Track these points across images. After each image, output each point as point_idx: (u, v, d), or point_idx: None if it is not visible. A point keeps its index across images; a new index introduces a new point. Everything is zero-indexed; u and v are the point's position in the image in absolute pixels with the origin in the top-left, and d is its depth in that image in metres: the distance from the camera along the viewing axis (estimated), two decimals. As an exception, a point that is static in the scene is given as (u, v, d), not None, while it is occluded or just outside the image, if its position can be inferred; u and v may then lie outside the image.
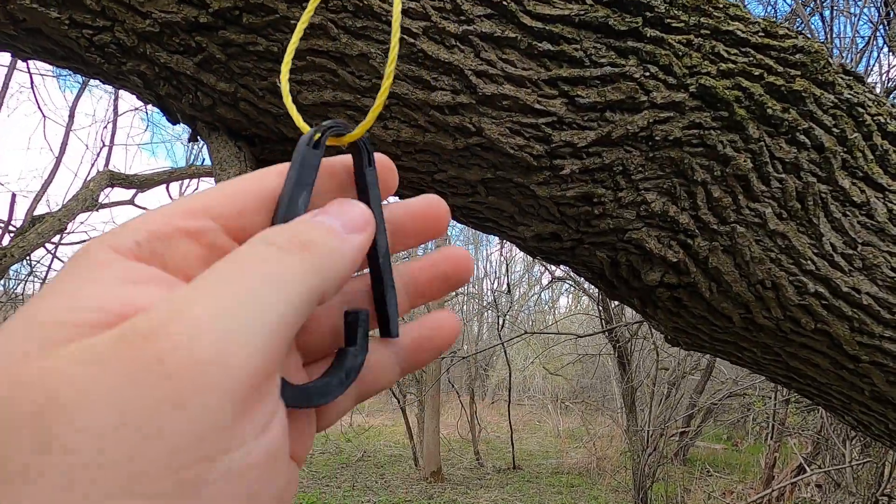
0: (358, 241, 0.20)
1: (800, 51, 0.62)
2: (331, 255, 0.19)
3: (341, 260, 0.19)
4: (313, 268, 0.18)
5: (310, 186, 0.23)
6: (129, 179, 3.66)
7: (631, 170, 0.63)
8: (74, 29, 0.61)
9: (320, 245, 0.19)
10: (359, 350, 0.23)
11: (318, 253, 0.18)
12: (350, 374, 0.22)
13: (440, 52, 0.60)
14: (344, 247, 0.20)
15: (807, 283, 0.63)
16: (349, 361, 0.22)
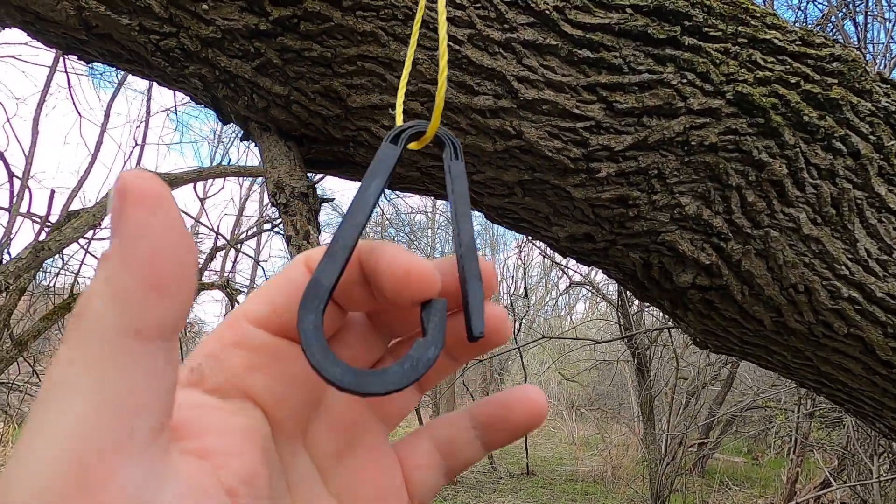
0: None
1: (837, 59, 0.63)
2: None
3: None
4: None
5: (382, 176, 0.24)
6: (159, 178, 3.77)
7: (666, 173, 0.65)
8: (143, 35, 0.65)
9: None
10: (429, 342, 0.21)
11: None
12: (417, 367, 0.20)
13: (484, 58, 0.63)
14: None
15: (840, 288, 0.64)
16: (417, 352, 0.20)
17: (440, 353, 0.21)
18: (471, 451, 0.24)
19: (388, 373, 0.20)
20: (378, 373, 0.20)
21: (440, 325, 0.21)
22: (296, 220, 0.66)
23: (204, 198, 5.64)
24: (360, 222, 0.23)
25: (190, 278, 0.16)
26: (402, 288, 0.20)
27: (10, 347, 3.15)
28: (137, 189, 0.16)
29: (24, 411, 5.28)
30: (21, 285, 3.27)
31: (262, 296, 0.21)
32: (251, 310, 0.21)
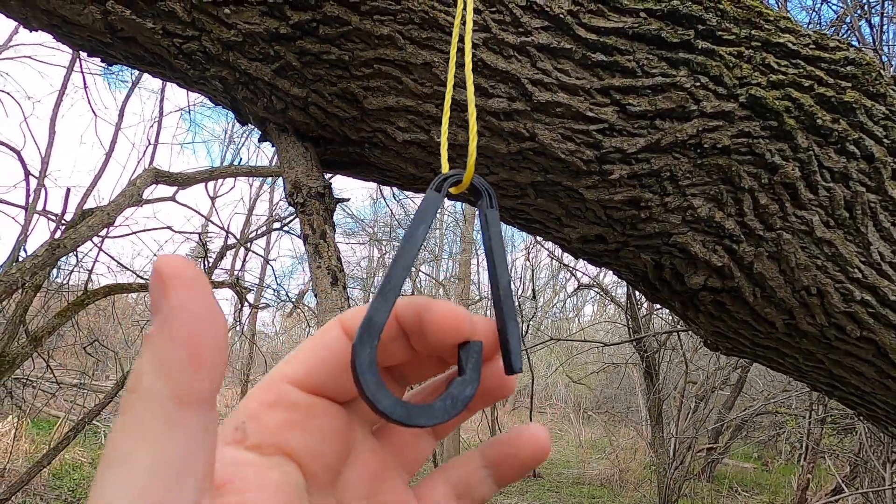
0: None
1: (851, 63, 0.64)
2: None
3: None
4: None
5: (429, 221, 0.26)
6: (172, 177, 3.82)
7: (678, 176, 0.66)
8: (166, 38, 0.67)
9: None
10: (468, 381, 0.23)
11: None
12: (457, 404, 0.23)
13: (498, 61, 0.64)
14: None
15: (853, 291, 0.64)
16: (456, 389, 0.23)
17: (476, 390, 0.23)
18: (484, 488, 0.26)
19: (432, 408, 0.22)
20: (424, 407, 0.22)
21: (477, 365, 0.23)
22: (312, 220, 0.68)
23: (215, 197, 5.71)
24: (408, 264, 0.25)
25: (223, 351, 0.18)
26: (447, 332, 0.22)
27: (25, 343, 3.20)
28: (176, 273, 0.18)
29: (37, 406, 5.35)
30: (37, 282, 3.33)
31: (297, 358, 0.23)
32: (287, 371, 0.23)
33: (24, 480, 3.10)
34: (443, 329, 0.23)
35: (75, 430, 3.36)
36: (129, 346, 7.13)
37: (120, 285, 3.76)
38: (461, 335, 0.23)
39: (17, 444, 4.63)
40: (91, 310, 5.21)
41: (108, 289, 3.56)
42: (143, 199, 4.14)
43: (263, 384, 0.22)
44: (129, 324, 7.38)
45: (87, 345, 4.38)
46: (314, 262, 0.65)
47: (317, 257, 0.65)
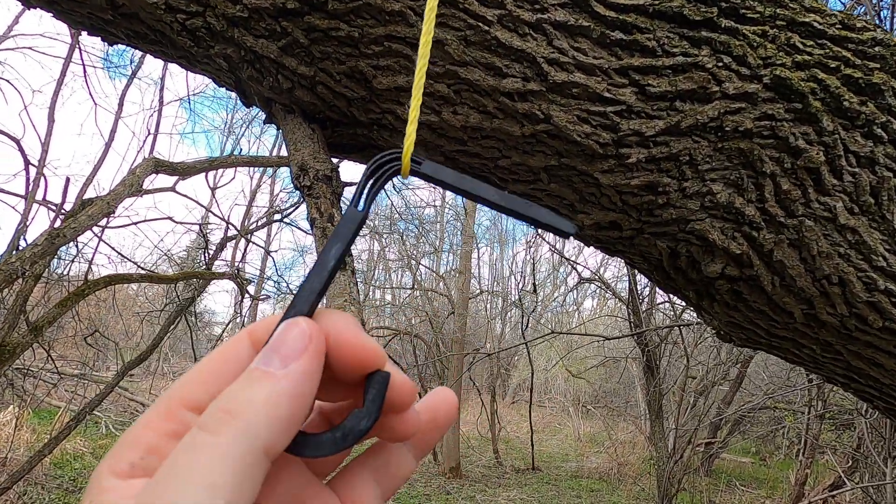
0: (299, 369, 0.21)
1: (879, 43, 0.61)
2: (265, 405, 0.20)
3: (281, 402, 0.20)
4: (244, 434, 0.19)
5: (346, 239, 0.25)
6: (172, 167, 3.79)
7: (698, 160, 0.64)
8: (169, 14, 0.65)
9: (252, 403, 0.20)
10: (364, 414, 0.22)
11: (248, 415, 0.19)
12: (347, 437, 0.22)
13: (513, 39, 0.62)
14: (279, 386, 0.20)
15: (877, 280, 0.62)
16: (350, 423, 0.22)
17: (373, 425, 0.22)
18: (405, 465, 0.26)
19: (321, 439, 0.22)
20: (314, 437, 0.22)
21: (377, 398, 0.22)
22: (320, 203, 0.66)
23: (215, 187, 5.67)
24: (316, 289, 0.24)
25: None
26: (352, 362, 0.22)
27: (25, 332, 3.19)
28: (318, 337, 0.22)
29: (38, 396, 5.36)
30: (37, 271, 3.31)
31: (199, 379, 0.22)
32: (188, 394, 0.21)
33: (25, 469, 3.11)
34: (347, 358, 0.22)
35: (76, 419, 3.36)
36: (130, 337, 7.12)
37: (121, 275, 3.74)
38: (365, 366, 0.23)
39: (19, 433, 4.64)
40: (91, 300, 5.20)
41: (108, 279, 3.54)
42: (144, 189, 4.11)
43: (160, 410, 0.21)
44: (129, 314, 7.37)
45: (87, 335, 4.37)
46: (322, 247, 0.63)
47: (324, 241, 0.63)
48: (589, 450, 8.15)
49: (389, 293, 11.50)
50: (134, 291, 9.49)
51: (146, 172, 3.62)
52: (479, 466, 7.00)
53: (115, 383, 3.67)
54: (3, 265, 2.79)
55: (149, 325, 6.16)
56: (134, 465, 0.20)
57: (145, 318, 5.68)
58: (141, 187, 3.70)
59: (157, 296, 7.73)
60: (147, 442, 0.20)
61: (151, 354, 3.98)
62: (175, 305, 4.13)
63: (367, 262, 11.94)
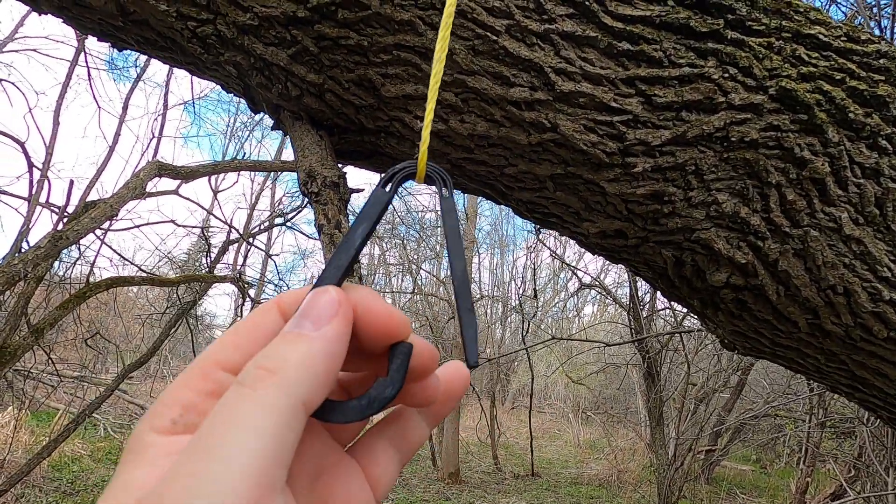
0: (330, 331, 0.22)
1: (884, 56, 0.62)
2: (302, 363, 0.20)
3: (316, 360, 0.21)
4: (284, 389, 0.20)
5: (371, 220, 0.26)
6: (176, 170, 3.81)
7: (704, 170, 0.64)
8: (180, 21, 0.66)
9: (288, 361, 0.20)
10: (388, 382, 0.23)
11: (287, 371, 0.20)
12: (373, 404, 0.23)
13: (521, 49, 0.62)
14: (314, 346, 0.21)
15: (882, 290, 0.62)
16: (375, 391, 0.23)
17: (397, 393, 0.23)
18: (420, 432, 0.27)
19: (347, 406, 0.23)
20: (340, 404, 0.23)
21: (401, 367, 0.23)
22: (327, 209, 0.66)
23: (217, 190, 5.69)
24: (343, 265, 0.24)
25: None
26: (378, 331, 0.23)
27: (27, 335, 3.19)
28: (347, 304, 0.22)
29: (38, 399, 5.35)
30: (39, 274, 3.31)
31: (233, 342, 0.23)
32: (223, 357, 0.22)
33: (23, 472, 3.10)
34: (373, 328, 0.23)
35: (75, 422, 3.35)
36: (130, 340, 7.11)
37: (122, 278, 3.74)
38: (391, 336, 0.23)
39: (17, 435, 4.62)
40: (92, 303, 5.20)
41: (109, 281, 3.54)
42: (147, 192, 4.12)
43: (196, 371, 0.22)
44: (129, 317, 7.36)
45: (88, 337, 4.37)
46: (329, 253, 0.63)
47: (332, 248, 0.63)
48: (589, 456, 8.11)
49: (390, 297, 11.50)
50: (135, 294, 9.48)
51: (150, 176, 3.63)
52: (478, 472, 6.97)
53: (115, 386, 3.67)
54: (6, 267, 2.79)
55: (149, 327, 6.16)
56: (175, 422, 0.21)
57: (146, 321, 5.68)
58: (144, 190, 3.71)
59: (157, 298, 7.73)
60: (186, 400, 0.21)
61: (152, 357, 3.98)
62: (176, 308, 4.13)
63: (368, 266, 11.94)
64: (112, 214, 3.47)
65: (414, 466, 6.94)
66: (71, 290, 4.07)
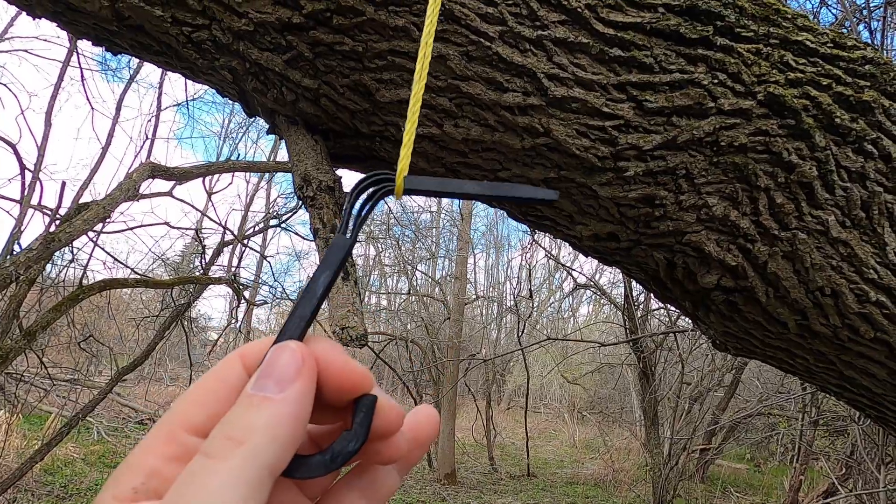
0: (294, 392, 0.22)
1: (869, 62, 0.63)
2: (268, 429, 0.20)
3: (281, 425, 0.21)
4: (251, 459, 0.20)
5: (334, 267, 0.26)
6: (169, 172, 3.79)
7: (694, 174, 0.65)
8: (175, 26, 0.66)
9: (255, 429, 0.20)
10: (352, 436, 0.23)
11: (253, 439, 0.20)
12: (336, 459, 0.23)
13: (514, 55, 0.63)
14: (280, 409, 0.21)
15: (868, 292, 0.63)
16: (339, 445, 0.23)
17: (361, 446, 0.23)
18: (390, 481, 0.27)
19: (311, 461, 0.23)
20: (304, 458, 0.22)
21: (365, 420, 0.23)
22: (322, 213, 0.66)
23: (211, 192, 5.67)
24: (305, 315, 0.24)
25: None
26: (341, 386, 0.23)
27: (18, 338, 3.16)
28: (310, 361, 0.22)
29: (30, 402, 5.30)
30: (31, 276, 3.29)
31: (195, 401, 0.22)
32: (188, 417, 0.22)
33: (15, 476, 3.07)
34: (335, 382, 0.23)
35: (68, 426, 3.33)
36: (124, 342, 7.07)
37: (115, 280, 3.72)
38: (353, 390, 0.23)
39: (9, 439, 4.58)
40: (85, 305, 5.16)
41: (103, 283, 3.52)
42: (140, 194, 4.10)
43: (160, 434, 0.22)
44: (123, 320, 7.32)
45: (81, 340, 4.34)
46: (323, 258, 0.64)
47: (326, 251, 0.63)
48: (584, 456, 8.14)
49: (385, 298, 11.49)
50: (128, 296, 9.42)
51: (143, 177, 3.61)
52: (474, 473, 6.98)
53: (109, 389, 3.64)
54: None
55: (143, 330, 6.13)
56: (137, 490, 0.20)
57: (140, 324, 5.65)
58: (137, 192, 3.69)
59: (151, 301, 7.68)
60: (149, 466, 0.21)
61: (146, 360, 3.95)
62: (170, 311, 4.11)
63: (363, 268, 11.93)
64: (105, 216, 3.45)
65: (410, 467, 6.92)
66: (64, 292, 4.04)
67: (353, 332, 0.57)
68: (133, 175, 3.54)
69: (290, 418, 0.21)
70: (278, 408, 0.21)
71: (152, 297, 7.71)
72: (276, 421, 0.21)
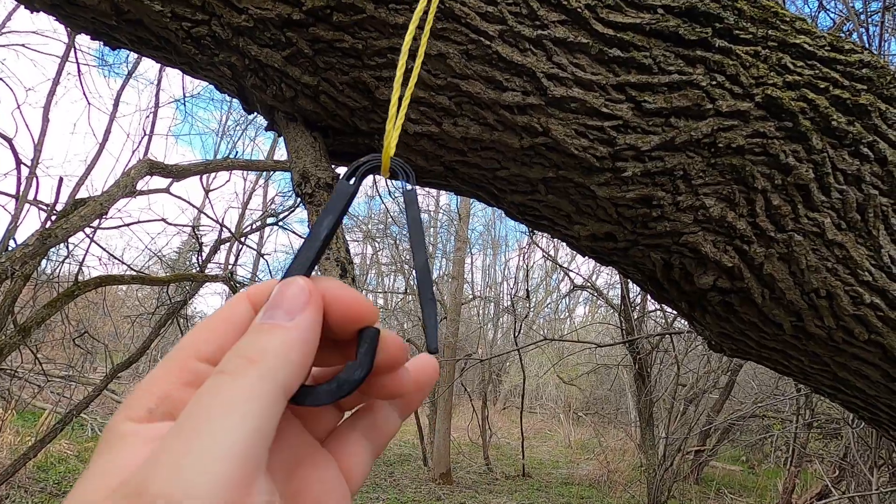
0: (304, 320, 0.22)
1: (866, 66, 0.63)
2: (280, 351, 0.21)
3: (293, 348, 0.22)
4: (265, 376, 0.20)
5: (337, 212, 0.26)
6: (167, 169, 3.78)
7: (692, 175, 0.65)
8: (175, 21, 0.66)
9: (267, 350, 0.21)
10: (357, 365, 0.23)
11: (267, 359, 0.21)
12: (343, 387, 0.23)
13: (514, 54, 0.63)
14: (290, 335, 0.22)
15: (863, 294, 0.64)
16: (345, 374, 0.23)
17: (366, 375, 0.24)
18: (391, 423, 0.28)
19: (318, 390, 0.23)
20: (310, 388, 0.23)
21: (369, 350, 0.24)
22: (321, 211, 0.66)
23: (209, 189, 5.65)
24: (310, 256, 0.25)
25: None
26: (346, 316, 0.24)
27: (13, 333, 3.15)
28: (316, 293, 0.23)
29: (24, 399, 5.27)
30: (26, 272, 3.27)
31: (207, 334, 0.23)
32: (199, 348, 0.23)
33: (8, 473, 3.06)
34: (342, 314, 0.24)
35: (62, 422, 3.32)
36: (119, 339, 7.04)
37: (111, 276, 3.71)
38: (359, 320, 0.24)
39: (2, 436, 4.56)
40: (80, 302, 5.14)
41: (99, 280, 3.51)
42: (137, 191, 4.08)
43: (172, 363, 0.22)
44: (119, 316, 7.29)
45: (76, 337, 4.32)
46: (322, 254, 0.64)
47: (325, 249, 0.63)
48: (579, 457, 8.16)
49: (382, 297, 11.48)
50: (124, 293, 9.38)
51: (140, 174, 3.60)
52: (469, 472, 6.98)
53: (104, 386, 3.63)
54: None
55: (139, 327, 6.11)
56: (152, 411, 0.21)
57: (136, 321, 5.63)
58: (135, 188, 3.68)
59: (147, 298, 7.65)
60: (163, 390, 0.21)
61: (141, 357, 3.94)
62: (166, 308, 4.09)
63: (360, 266, 11.92)
64: (102, 212, 3.44)
65: (405, 467, 6.93)
66: (59, 288, 4.02)
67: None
68: (131, 172, 3.53)
69: (300, 343, 0.22)
70: (289, 333, 0.22)
71: (148, 294, 7.69)
72: (288, 344, 0.22)
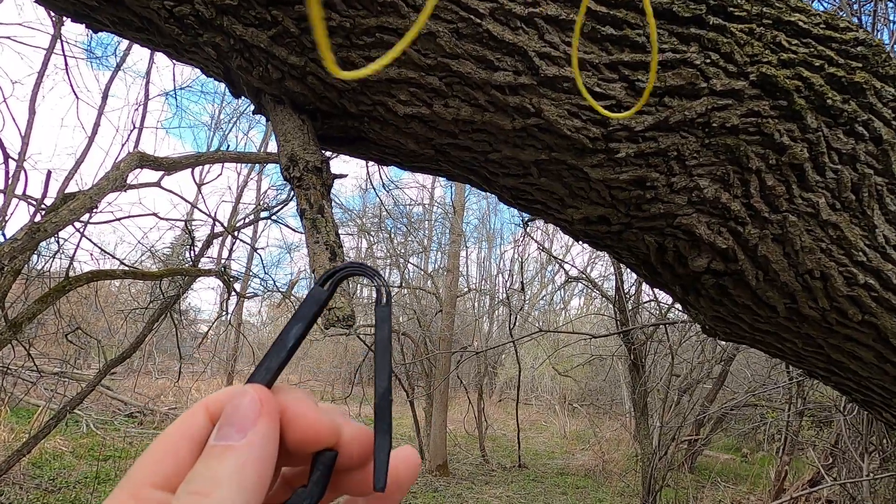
0: (256, 436, 0.22)
1: (861, 44, 0.63)
2: (233, 480, 0.20)
3: (246, 472, 0.21)
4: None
5: (307, 320, 0.25)
6: (157, 162, 3.73)
7: (686, 155, 0.64)
8: (157, 0, 0.64)
9: (220, 480, 0.20)
10: (306, 494, 0.23)
11: (218, 492, 0.20)
12: None
13: (505, 33, 0.62)
14: (242, 456, 0.21)
15: (857, 275, 0.64)
16: (294, 500, 0.23)
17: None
18: None
19: None
20: None
21: (321, 478, 0.23)
22: (310, 195, 0.65)
23: (201, 183, 5.60)
24: (273, 367, 0.24)
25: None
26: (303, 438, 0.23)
27: (4, 329, 3.12)
28: (270, 402, 0.22)
29: (17, 395, 5.24)
30: (16, 267, 3.23)
31: (161, 455, 0.22)
32: (153, 471, 0.21)
33: (2, 469, 3.04)
34: (299, 432, 0.23)
35: (56, 418, 3.30)
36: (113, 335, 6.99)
37: (103, 271, 3.67)
38: (314, 443, 0.23)
39: (-5, 433, 4.53)
40: (73, 297, 5.09)
41: (90, 275, 3.47)
42: (128, 184, 4.04)
43: (125, 492, 0.21)
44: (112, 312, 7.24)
45: (68, 332, 4.29)
46: (311, 238, 0.63)
47: (314, 232, 0.62)
48: (575, 447, 8.22)
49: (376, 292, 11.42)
50: (117, 288, 9.32)
51: (130, 167, 3.55)
52: (466, 464, 7.03)
53: (97, 381, 3.61)
54: (-19, 260, 2.72)
55: (132, 322, 6.06)
56: None
57: (129, 316, 5.59)
58: (125, 182, 3.63)
59: (140, 293, 7.60)
60: None
61: (135, 352, 3.92)
62: (159, 303, 4.06)
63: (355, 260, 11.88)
64: (92, 206, 3.39)
65: (402, 459, 6.94)
66: (50, 283, 3.98)
67: (340, 313, 0.56)
68: (120, 164, 3.49)
69: (254, 463, 0.21)
70: (241, 454, 0.21)
71: (141, 289, 7.63)
72: (240, 468, 0.21)
